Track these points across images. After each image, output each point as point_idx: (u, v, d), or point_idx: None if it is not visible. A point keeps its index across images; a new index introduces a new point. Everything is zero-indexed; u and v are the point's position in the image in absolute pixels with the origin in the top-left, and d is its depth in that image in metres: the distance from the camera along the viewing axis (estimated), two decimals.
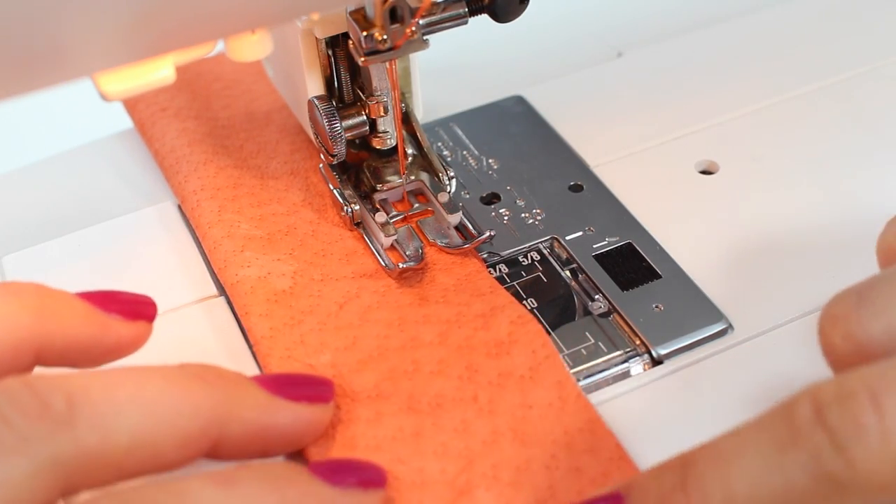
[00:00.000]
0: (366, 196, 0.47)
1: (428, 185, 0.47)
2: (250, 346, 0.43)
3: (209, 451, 0.35)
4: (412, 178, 0.47)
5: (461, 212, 0.46)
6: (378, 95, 0.45)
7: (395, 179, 0.47)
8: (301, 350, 0.41)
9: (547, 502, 0.36)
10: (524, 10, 0.42)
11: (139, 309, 0.38)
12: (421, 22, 0.41)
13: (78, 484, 0.32)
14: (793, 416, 0.31)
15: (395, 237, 0.45)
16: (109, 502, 0.30)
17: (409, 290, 0.44)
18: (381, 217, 0.45)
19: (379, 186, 0.47)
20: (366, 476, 0.35)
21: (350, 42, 0.42)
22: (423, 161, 0.48)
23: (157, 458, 0.33)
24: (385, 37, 0.40)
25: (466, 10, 0.43)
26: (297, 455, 0.39)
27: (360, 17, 0.41)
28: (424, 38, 0.42)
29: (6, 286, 0.36)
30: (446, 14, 0.42)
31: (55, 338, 0.35)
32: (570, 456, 0.37)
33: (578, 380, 0.41)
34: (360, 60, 0.41)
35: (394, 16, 0.40)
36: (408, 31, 0.40)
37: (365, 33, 0.40)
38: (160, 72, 0.37)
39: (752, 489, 0.31)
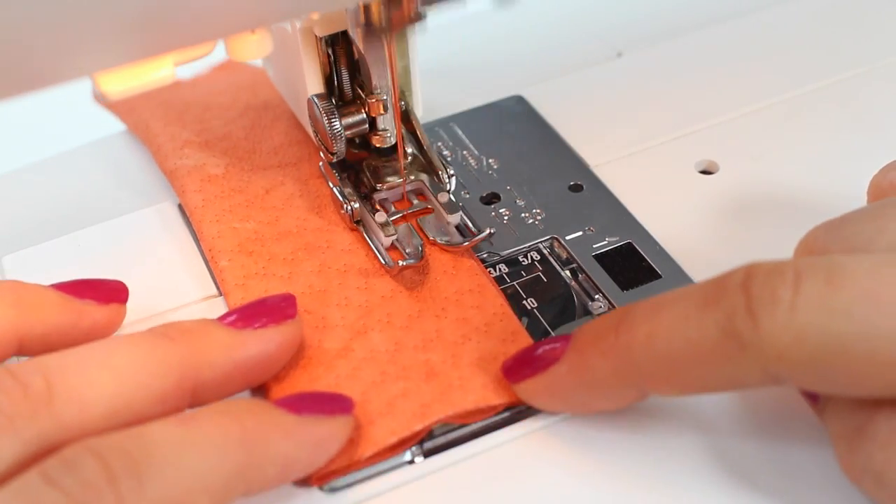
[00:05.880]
0: (366, 196, 0.47)
1: (428, 185, 0.47)
2: None
3: (191, 400, 0.37)
4: (412, 177, 0.47)
5: (461, 212, 0.46)
6: (378, 93, 0.45)
7: (394, 179, 0.47)
8: (229, 216, 0.47)
9: (433, 342, 0.41)
10: None
11: (111, 293, 0.41)
12: None
13: None
14: (725, 280, 0.33)
15: (395, 237, 0.45)
16: (78, 452, 0.32)
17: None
18: (381, 217, 0.45)
19: (379, 186, 0.47)
20: (331, 405, 0.37)
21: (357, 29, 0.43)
22: (423, 160, 0.48)
23: (137, 419, 0.35)
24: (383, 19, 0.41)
25: None
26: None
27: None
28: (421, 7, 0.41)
29: None
30: None
31: (34, 328, 0.38)
32: (458, 309, 0.43)
33: None
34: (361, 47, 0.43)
35: None
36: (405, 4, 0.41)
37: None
38: (160, 72, 0.37)
39: (670, 334, 0.34)
